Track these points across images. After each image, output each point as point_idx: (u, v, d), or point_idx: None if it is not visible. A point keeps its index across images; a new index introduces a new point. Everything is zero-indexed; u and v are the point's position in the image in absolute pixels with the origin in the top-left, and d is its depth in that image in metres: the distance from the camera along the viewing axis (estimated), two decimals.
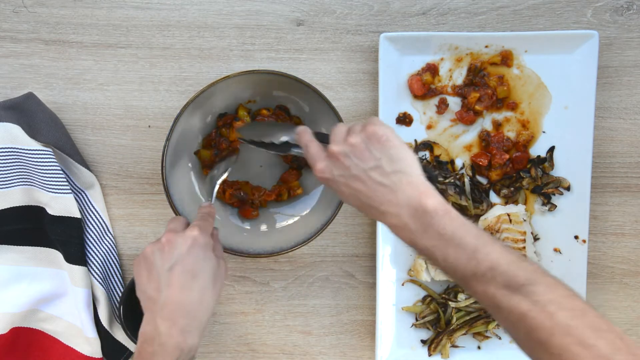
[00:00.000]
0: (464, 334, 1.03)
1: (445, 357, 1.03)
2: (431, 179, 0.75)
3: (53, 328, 1.02)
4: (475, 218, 1.03)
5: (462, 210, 1.03)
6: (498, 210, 1.01)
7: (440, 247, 0.69)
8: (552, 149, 1.03)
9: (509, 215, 1.00)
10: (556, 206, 1.03)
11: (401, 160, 0.73)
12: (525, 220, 1.01)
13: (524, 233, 1.00)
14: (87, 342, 1.00)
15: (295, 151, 0.87)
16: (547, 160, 1.03)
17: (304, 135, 0.82)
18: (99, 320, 1.00)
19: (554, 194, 1.03)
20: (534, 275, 0.67)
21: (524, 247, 1.00)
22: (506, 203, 1.03)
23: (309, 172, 1.02)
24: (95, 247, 1.01)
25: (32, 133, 0.97)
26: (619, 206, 1.06)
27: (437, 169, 1.02)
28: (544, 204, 1.03)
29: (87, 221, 1.01)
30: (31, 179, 0.98)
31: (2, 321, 0.98)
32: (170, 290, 0.76)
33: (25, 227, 1.01)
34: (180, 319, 0.76)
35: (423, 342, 1.04)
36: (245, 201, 1.01)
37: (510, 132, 1.03)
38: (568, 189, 1.03)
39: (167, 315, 0.76)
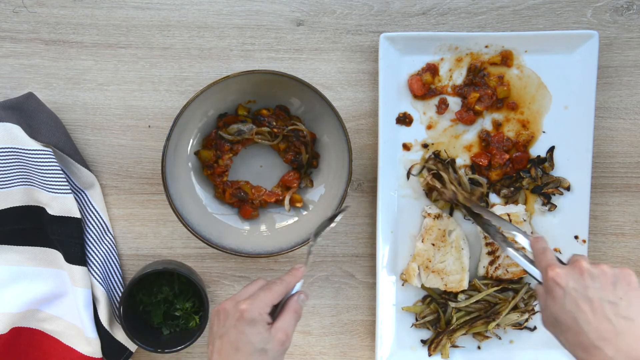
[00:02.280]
0: (464, 334, 1.03)
1: (445, 357, 1.03)
2: None
3: (53, 328, 1.02)
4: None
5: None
6: (498, 210, 1.01)
7: None
8: (552, 149, 1.03)
9: (509, 215, 1.00)
10: (556, 206, 1.03)
11: (636, 310, 0.72)
12: (525, 220, 1.01)
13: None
14: (87, 342, 1.00)
15: (510, 250, 0.89)
16: (547, 160, 1.03)
17: (541, 241, 0.83)
18: (99, 320, 1.00)
19: (554, 194, 1.03)
20: None
21: (524, 247, 1.00)
22: (506, 203, 1.03)
23: (312, 174, 1.02)
24: (95, 247, 1.01)
25: (32, 133, 0.97)
26: (619, 206, 1.06)
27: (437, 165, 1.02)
28: (544, 204, 1.03)
29: (87, 221, 1.01)
30: (31, 179, 0.98)
31: (2, 321, 0.98)
32: (219, 357, 0.79)
33: (25, 227, 1.01)
34: None
35: (423, 342, 1.04)
36: (245, 201, 1.01)
37: (510, 132, 1.03)
38: (568, 189, 1.03)
39: None
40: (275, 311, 0.82)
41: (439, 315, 1.03)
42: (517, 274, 1.01)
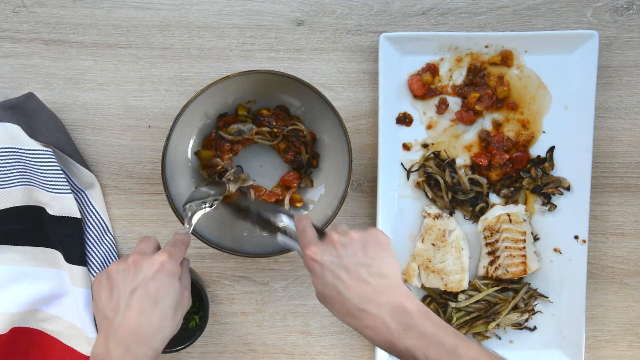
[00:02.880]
0: (464, 334, 1.03)
1: None
2: None
3: (53, 328, 1.02)
4: (474, 217, 1.03)
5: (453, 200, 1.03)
6: (498, 210, 1.01)
7: (422, 346, 0.71)
8: (552, 149, 1.03)
9: (509, 215, 1.00)
10: (556, 206, 1.03)
11: (389, 265, 0.77)
12: (525, 220, 1.01)
13: (524, 233, 1.00)
14: (87, 342, 1.00)
15: (280, 237, 0.88)
16: (547, 160, 1.03)
17: (303, 220, 0.84)
18: None
19: (553, 194, 1.03)
20: None
21: (524, 247, 1.00)
22: (506, 203, 1.03)
23: (313, 174, 1.02)
24: (95, 247, 1.01)
25: (32, 133, 0.97)
26: (619, 206, 1.06)
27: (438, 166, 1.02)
28: (544, 204, 1.03)
29: (87, 221, 1.02)
30: (31, 179, 0.98)
31: (2, 321, 0.98)
32: (129, 314, 0.74)
33: (25, 227, 1.01)
34: (134, 345, 0.73)
35: None
36: None
37: (510, 132, 1.03)
38: (568, 188, 1.03)
39: (121, 339, 0.73)
40: None
41: (439, 315, 1.03)
42: (517, 274, 1.01)
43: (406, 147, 1.03)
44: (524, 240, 1.00)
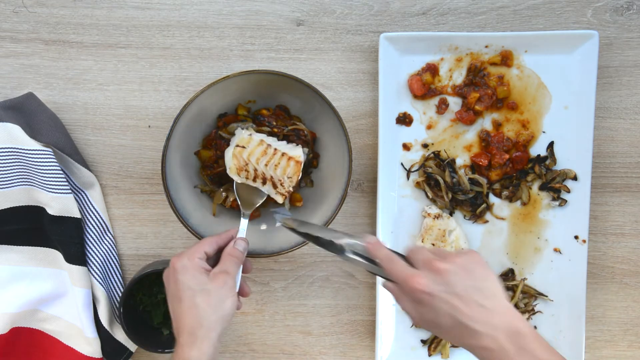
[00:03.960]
0: None
1: (445, 357, 1.03)
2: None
3: (53, 328, 1.02)
4: (474, 217, 1.03)
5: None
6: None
7: None
8: (551, 144, 1.03)
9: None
10: (567, 201, 1.03)
11: (495, 285, 0.77)
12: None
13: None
14: (87, 342, 1.00)
15: (352, 257, 0.84)
16: (548, 156, 1.03)
17: (381, 247, 0.82)
18: (99, 320, 1.00)
19: (560, 190, 1.03)
20: None
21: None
22: (510, 202, 1.03)
23: (315, 176, 1.02)
24: (95, 247, 1.01)
25: (32, 133, 0.97)
26: (619, 206, 1.06)
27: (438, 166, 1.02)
28: (554, 199, 1.03)
29: (87, 221, 1.02)
30: (31, 179, 0.98)
31: (2, 321, 0.98)
32: (174, 322, 0.82)
33: (25, 227, 1.01)
34: (182, 337, 0.80)
35: (423, 342, 1.04)
36: None
37: (510, 132, 1.03)
38: (575, 178, 1.02)
39: (180, 340, 0.80)
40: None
41: None
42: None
43: (406, 147, 1.03)
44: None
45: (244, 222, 0.92)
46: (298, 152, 0.93)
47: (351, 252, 0.84)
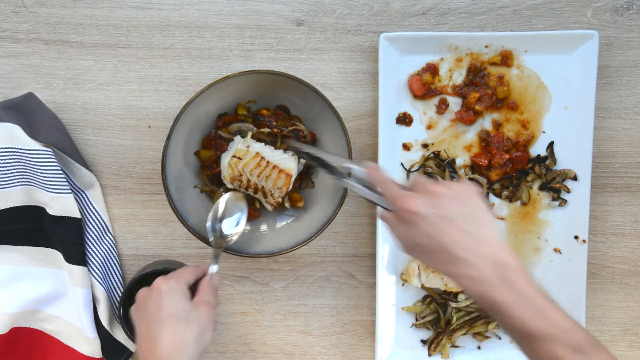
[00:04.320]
0: (464, 334, 1.03)
1: (446, 357, 1.03)
2: None
3: (53, 328, 1.02)
4: None
5: None
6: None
7: (514, 303, 0.71)
8: (551, 144, 1.03)
9: None
10: (567, 201, 1.03)
11: (487, 216, 0.76)
12: None
13: None
14: (87, 342, 1.00)
15: (352, 182, 0.86)
16: (548, 156, 1.03)
17: (378, 172, 0.82)
18: (99, 320, 1.00)
19: (560, 190, 1.03)
20: (595, 342, 0.70)
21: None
22: (510, 201, 1.03)
23: (318, 180, 1.02)
24: (95, 247, 1.01)
25: (32, 133, 0.97)
26: (619, 206, 1.06)
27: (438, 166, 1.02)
28: (554, 199, 1.03)
29: (87, 221, 1.02)
30: (31, 179, 0.98)
31: (2, 321, 0.98)
32: (146, 343, 0.79)
33: (25, 227, 1.01)
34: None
35: (423, 342, 1.04)
36: (248, 203, 1.01)
37: (510, 132, 1.03)
38: (575, 178, 1.02)
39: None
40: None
41: (439, 315, 1.03)
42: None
43: (406, 147, 1.03)
44: None
45: (213, 268, 0.89)
46: (290, 165, 0.95)
47: (352, 178, 0.85)
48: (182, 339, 0.78)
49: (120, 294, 1.02)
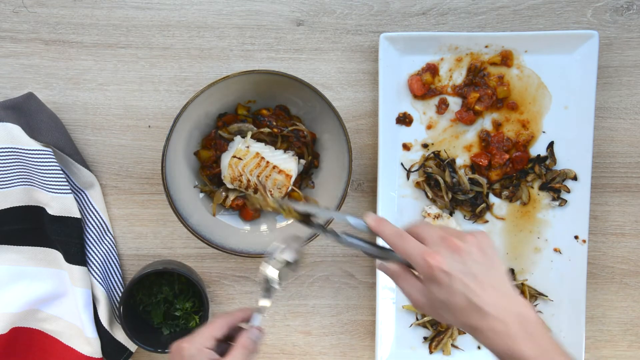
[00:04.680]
0: (464, 332, 1.03)
1: (447, 354, 1.03)
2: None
3: (53, 328, 1.02)
4: (474, 217, 1.03)
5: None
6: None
7: (537, 356, 0.71)
8: (551, 144, 1.03)
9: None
10: (567, 201, 1.03)
11: (503, 269, 0.76)
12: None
13: None
14: (87, 342, 1.00)
15: (349, 240, 0.79)
16: (548, 156, 1.03)
17: (387, 224, 0.78)
18: (99, 320, 1.00)
19: (560, 190, 1.03)
20: None
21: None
22: (510, 201, 1.03)
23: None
24: (95, 247, 1.01)
25: (32, 133, 0.97)
26: (619, 206, 1.06)
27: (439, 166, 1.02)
28: (554, 199, 1.03)
29: (87, 221, 1.02)
30: (31, 179, 0.98)
31: (2, 321, 0.98)
32: None
33: (25, 227, 1.01)
34: None
35: (424, 339, 1.04)
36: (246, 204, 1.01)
37: (510, 132, 1.03)
38: (575, 178, 1.02)
39: None
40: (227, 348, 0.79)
41: None
42: None
43: (406, 147, 1.03)
44: None
45: (257, 318, 0.80)
46: (290, 166, 0.96)
47: (346, 235, 0.79)
48: None
49: (120, 294, 1.02)
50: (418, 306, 0.77)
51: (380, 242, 0.92)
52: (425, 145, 1.03)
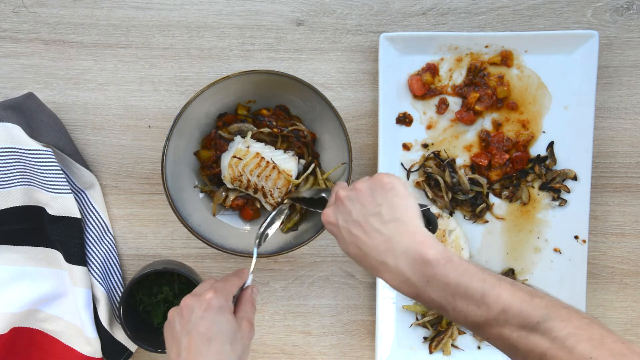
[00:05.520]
0: (464, 330, 1.03)
1: (447, 354, 1.03)
2: (431, 226, 0.74)
3: (53, 328, 1.02)
4: (474, 217, 1.03)
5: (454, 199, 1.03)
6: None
7: (447, 297, 0.67)
8: (551, 144, 1.03)
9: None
10: (567, 201, 1.03)
11: (401, 207, 0.72)
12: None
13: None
14: (87, 342, 1.00)
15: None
16: (548, 156, 1.03)
17: (335, 186, 0.82)
18: (99, 320, 1.00)
19: (560, 190, 1.03)
20: (548, 310, 0.64)
21: None
22: (510, 201, 1.03)
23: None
24: (95, 247, 1.01)
25: (32, 133, 0.97)
26: (619, 206, 1.06)
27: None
28: (554, 199, 1.03)
29: (87, 221, 1.02)
30: (31, 179, 0.98)
31: (2, 321, 0.98)
32: (188, 355, 0.75)
33: (25, 227, 1.01)
34: None
35: (424, 338, 1.04)
36: (248, 203, 1.01)
37: (510, 132, 1.03)
38: (575, 178, 1.02)
39: None
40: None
41: (440, 317, 1.03)
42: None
43: (406, 147, 1.03)
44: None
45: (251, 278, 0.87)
46: (290, 166, 0.96)
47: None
48: (225, 358, 0.75)
49: (120, 294, 1.02)
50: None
51: None
52: (425, 145, 1.03)
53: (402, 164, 1.03)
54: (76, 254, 0.99)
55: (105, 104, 1.03)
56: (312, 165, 0.98)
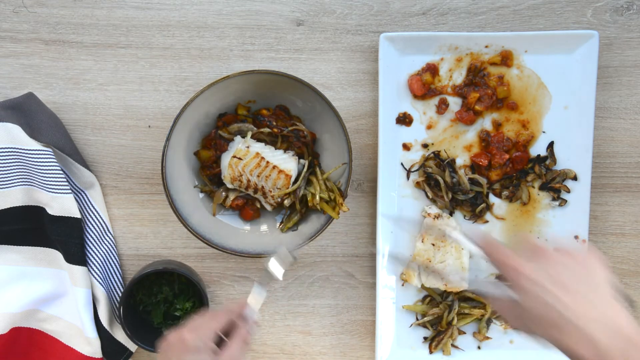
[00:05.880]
0: (464, 330, 1.03)
1: (447, 354, 1.03)
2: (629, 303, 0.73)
3: (53, 328, 1.02)
4: (474, 217, 1.03)
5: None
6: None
7: None
8: (551, 144, 1.03)
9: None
10: (567, 201, 1.03)
11: (603, 282, 0.71)
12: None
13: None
14: (87, 342, 1.00)
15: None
16: (548, 156, 1.03)
17: (493, 242, 0.76)
18: (99, 320, 1.00)
19: (560, 190, 1.03)
20: None
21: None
22: (510, 201, 1.03)
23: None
24: (95, 247, 1.01)
25: (32, 133, 0.97)
26: (619, 206, 1.06)
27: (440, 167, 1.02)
28: (554, 199, 1.03)
29: (87, 221, 1.02)
30: (31, 179, 0.98)
31: (2, 321, 0.98)
32: None
33: (25, 227, 1.01)
34: None
35: (424, 338, 1.04)
36: (248, 203, 1.01)
37: (510, 132, 1.03)
38: (575, 178, 1.02)
39: None
40: (223, 342, 0.79)
41: (441, 317, 1.03)
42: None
43: (406, 147, 1.03)
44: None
45: (259, 293, 0.82)
46: (289, 166, 0.96)
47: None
48: None
49: (120, 294, 1.02)
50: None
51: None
52: (425, 145, 1.03)
53: (402, 164, 1.03)
54: (76, 254, 0.99)
55: (105, 104, 1.03)
56: (306, 165, 0.97)
